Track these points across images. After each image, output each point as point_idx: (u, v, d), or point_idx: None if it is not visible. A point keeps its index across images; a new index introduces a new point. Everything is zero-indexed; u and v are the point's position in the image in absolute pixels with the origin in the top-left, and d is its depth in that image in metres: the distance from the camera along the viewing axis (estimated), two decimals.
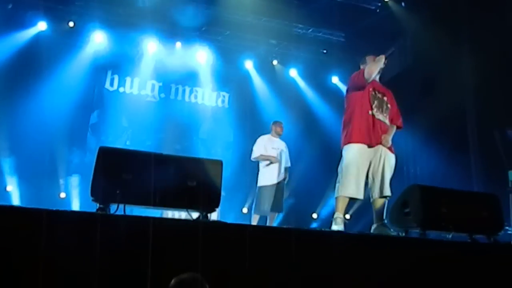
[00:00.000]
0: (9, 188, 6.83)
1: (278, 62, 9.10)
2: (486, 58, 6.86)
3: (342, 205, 3.59)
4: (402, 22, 8.33)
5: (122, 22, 7.83)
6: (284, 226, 5.20)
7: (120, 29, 7.89)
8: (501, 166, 6.16)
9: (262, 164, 5.89)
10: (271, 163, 5.79)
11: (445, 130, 5.94)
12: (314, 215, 8.77)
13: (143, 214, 2.76)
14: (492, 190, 5.16)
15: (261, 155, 5.86)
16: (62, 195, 7.18)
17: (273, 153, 5.88)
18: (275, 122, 6.27)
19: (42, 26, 7.50)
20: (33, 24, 7.44)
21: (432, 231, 3.57)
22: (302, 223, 7.71)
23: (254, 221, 5.71)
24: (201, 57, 8.57)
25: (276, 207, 5.72)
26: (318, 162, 8.66)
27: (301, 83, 9.29)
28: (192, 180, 2.91)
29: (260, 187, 5.78)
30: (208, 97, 8.91)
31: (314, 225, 8.44)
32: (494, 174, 6.35)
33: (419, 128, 7.95)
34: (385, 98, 3.82)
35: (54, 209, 2.33)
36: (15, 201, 6.73)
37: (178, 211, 3.49)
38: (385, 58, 3.75)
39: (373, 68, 3.70)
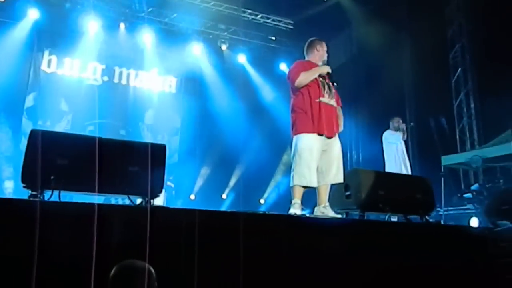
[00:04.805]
0: None
1: (227, 48, 9.01)
2: (423, 51, 7.28)
3: (298, 193, 3.66)
4: (349, 12, 8.55)
5: None
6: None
7: (58, 6, 7.40)
8: (435, 151, 6.61)
9: None
10: None
11: (386, 117, 6.28)
12: (262, 201, 8.90)
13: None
14: (426, 174, 5.53)
15: None
16: None
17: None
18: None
19: None
20: None
21: (371, 213, 3.77)
22: (249, 208, 7.78)
23: None
24: (147, 39, 8.25)
25: None
26: (265, 148, 8.75)
27: (250, 69, 9.28)
28: (133, 165, 2.81)
29: None
30: (154, 81, 8.62)
31: (261, 210, 8.55)
32: (429, 159, 6.80)
33: (362, 114, 8.32)
34: (330, 83, 3.89)
35: None
36: None
37: (119, 197, 3.37)
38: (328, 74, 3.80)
39: (308, 79, 3.71)
